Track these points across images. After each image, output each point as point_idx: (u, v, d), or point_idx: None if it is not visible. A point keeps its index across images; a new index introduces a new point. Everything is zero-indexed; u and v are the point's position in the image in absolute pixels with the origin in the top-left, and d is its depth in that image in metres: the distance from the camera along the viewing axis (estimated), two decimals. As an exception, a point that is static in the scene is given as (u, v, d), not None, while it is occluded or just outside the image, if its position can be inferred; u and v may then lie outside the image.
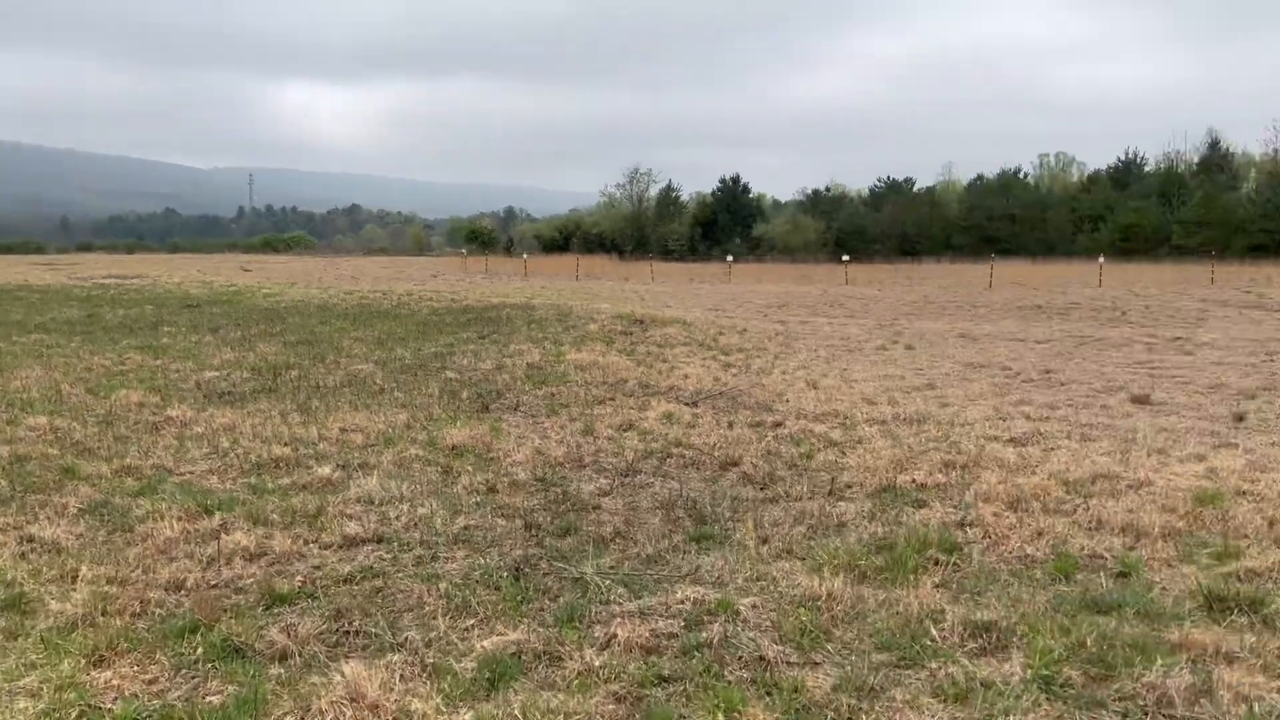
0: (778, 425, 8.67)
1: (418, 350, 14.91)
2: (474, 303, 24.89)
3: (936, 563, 4.92)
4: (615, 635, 4.10)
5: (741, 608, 4.41)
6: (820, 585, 4.50)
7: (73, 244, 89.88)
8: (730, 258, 42.97)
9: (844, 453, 7.60)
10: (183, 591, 4.88)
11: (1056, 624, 4.06)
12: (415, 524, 5.96)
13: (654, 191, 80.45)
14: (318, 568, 5.20)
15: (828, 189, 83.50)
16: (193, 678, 3.90)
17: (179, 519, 6.01)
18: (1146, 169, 71.34)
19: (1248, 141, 76.17)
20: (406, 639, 4.23)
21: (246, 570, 5.15)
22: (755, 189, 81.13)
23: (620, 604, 4.53)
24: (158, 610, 4.61)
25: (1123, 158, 72.41)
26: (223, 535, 5.70)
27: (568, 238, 78.97)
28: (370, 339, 16.59)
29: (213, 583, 5.00)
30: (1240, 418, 8.70)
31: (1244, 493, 6.02)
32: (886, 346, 15.21)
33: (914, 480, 6.58)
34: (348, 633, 4.34)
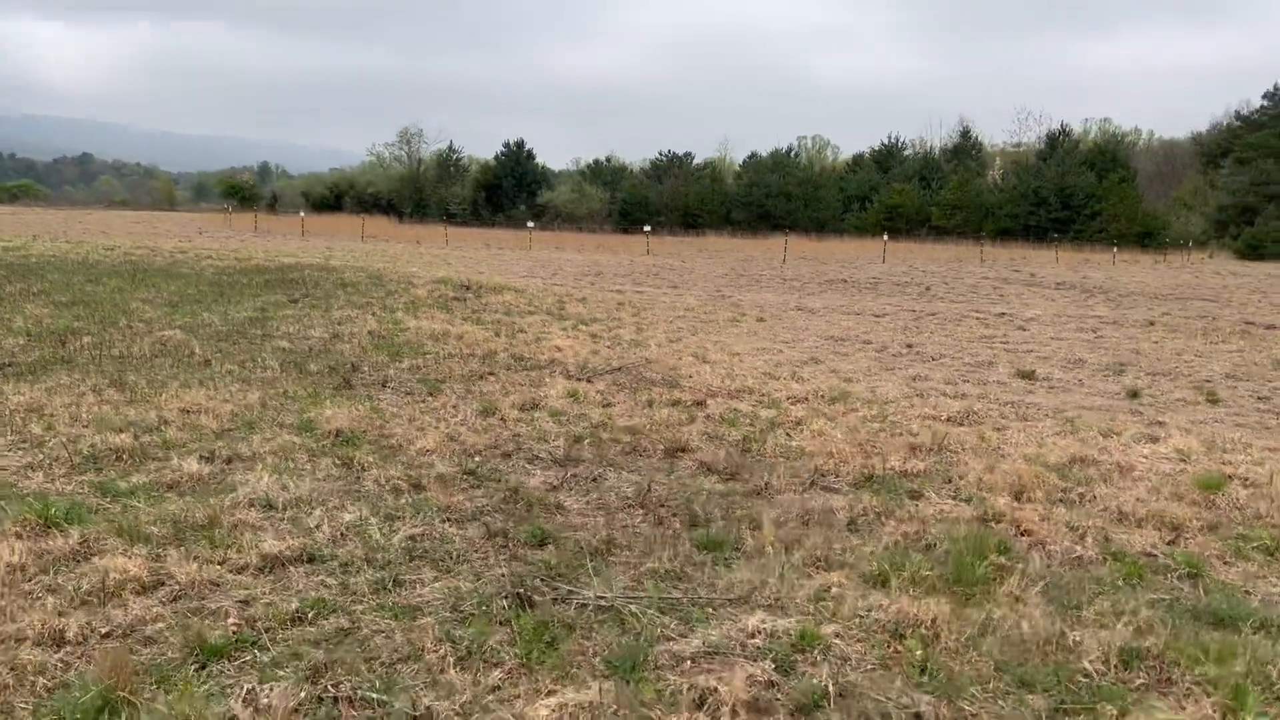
0: (699, 404, 7.93)
1: (225, 315, 13.02)
2: (264, 263, 22.54)
3: (1001, 569, 4.35)
4: (711, 690, 3.22)
5: (828, 639, 3.64)
6: (913, 607, 3.80)
7: None
8: (531, 224, 41.79)
9: (789, 436, 6.97)
10: (66, 647, 3.53)
11: (1200, 647, 3.56)
12: (345, 535, 4.76)
13: (425, 152, 77.56)
14: (246, 602, 3.95)
15: (608, 159, 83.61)
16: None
17: (16, 536, 4.51)
18: (906, 153, 76.10)
19: (993, 132, 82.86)
20: (428, 709, 3.16)
21: (148, 610, 3.83)
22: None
23: (678, 640, 3.65)
24: (40, 680, 3.27)
25: (885, 142, 76.85)
26: (93, 558, 4.30)
27: (339, 196, 74.79)
28: (160, 301, 14.41)
29: (104, 630, 3.67)
30: (1135, 394, 8.83)
31: (1232, 477, 5.88)
32: (738, 320, 14.83)
33: (891, 468, 6.03)
34: (338, 701, 3.21)
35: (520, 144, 74.98)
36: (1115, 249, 47.23)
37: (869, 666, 3.48)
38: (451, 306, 14.86)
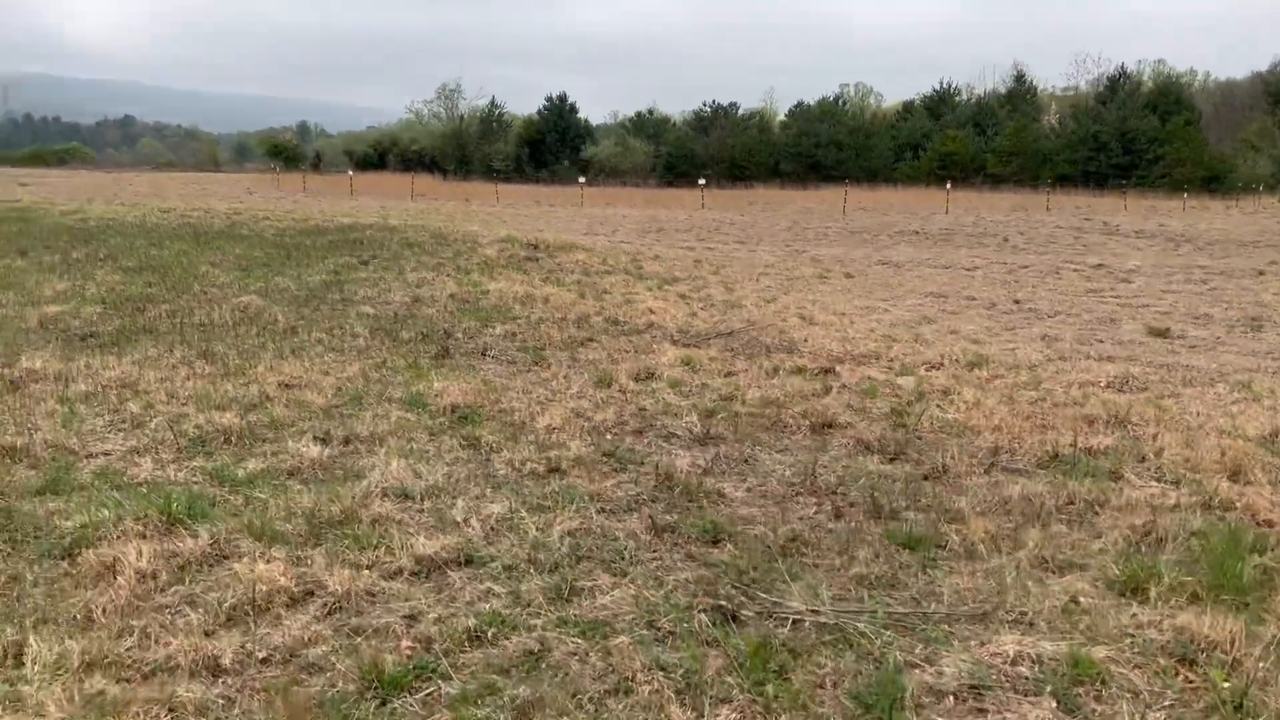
0: (827, 372, 7.35)
1: (299, 279, 12.60)
2: (322, 223, 22.14)
3: (1267, 572, 3.75)
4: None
5: (1103, 666, 3.08)
6: (1196, 623, 3.22)
7: None
8: (583, 179, 41.09)
9: (941, 408, 6.38)
10: (224, 677, 3.07)
11: None
12: (497, 530, 4.28)
13: (464, 109, 76.72)
14: (412, 618, 3.48)
15: (650, 111, 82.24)
16: None
17: (141, 536, 4.07)
18: (958, 100, 73.99)
19: (1048, 76, 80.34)
20: (665, 760, 2.66)
21: (306, 628, 3.37)
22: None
23: (925, 669, 3.11)
24: (202, 723, 2.82)
25: (936, 88, 74.74)
26: (228, 562, 3.85)
27: (383, 155, 74.35)
28: (228, 264, 14.02)
29: (262, 656, 3.21)
30: (1294, 355, 8.11)
31: None
32: (825, 276, 14.16)
33: (1073, 445, 5.42)
34: (555, 750, 2.72)
35: (563, 98, 73.91)
36: (1185, 195, 45.54)
37: (1167, 703, 2.92)
38: (526, 267, 14.33)
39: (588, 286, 12.14)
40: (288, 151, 72.10)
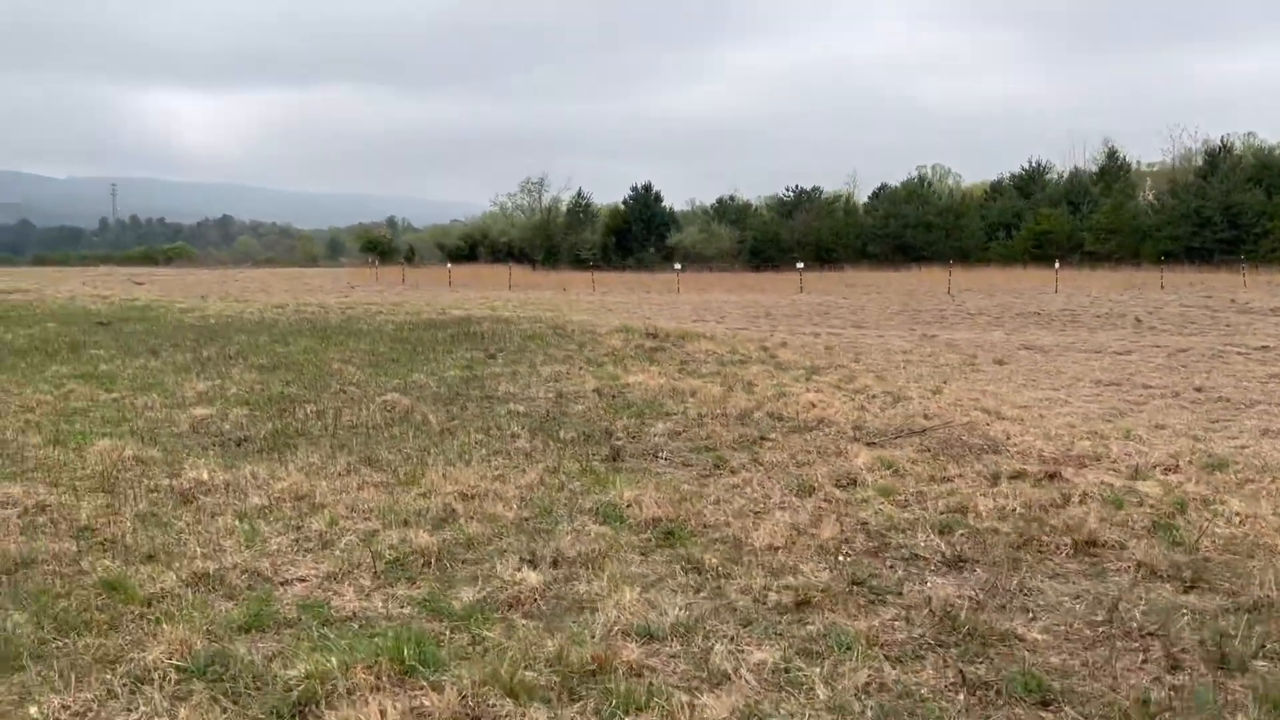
0: (1050, 477, 6.62)
1: (435, 375, 12.33)
2: (435, 317, 22.17)
3: None
4: None
5: None
6: None
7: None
8: (679, 266, 41.04)
9: (1209, 522, 5.60)
10: None
11: None
12: (775, 684, 3.66)
13: (548, 199, 78.24)
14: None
15: (731, 198, 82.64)
16: None
17: (374, 688, 3.55)
18: (1048, 177, 72.79)
19: (1139, 151, 78.51)
20: None
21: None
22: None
23: None
24: None
25: (1025, 166, 73.71)
26: (490, 732, 3.30)
27: (473, 247, 75.87)
28: (358, 360, 13.88)
29: None
30: None
31: None
32: (973, 364, 13.39)
33: None
34: None
35: (648, 187, 74.77)
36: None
37: None
38: (655, 357, 13.89)
39: (730, 378, 11.60)
40: (382, 245, 74.04)
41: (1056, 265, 37.42)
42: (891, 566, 4.99)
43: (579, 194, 76.18)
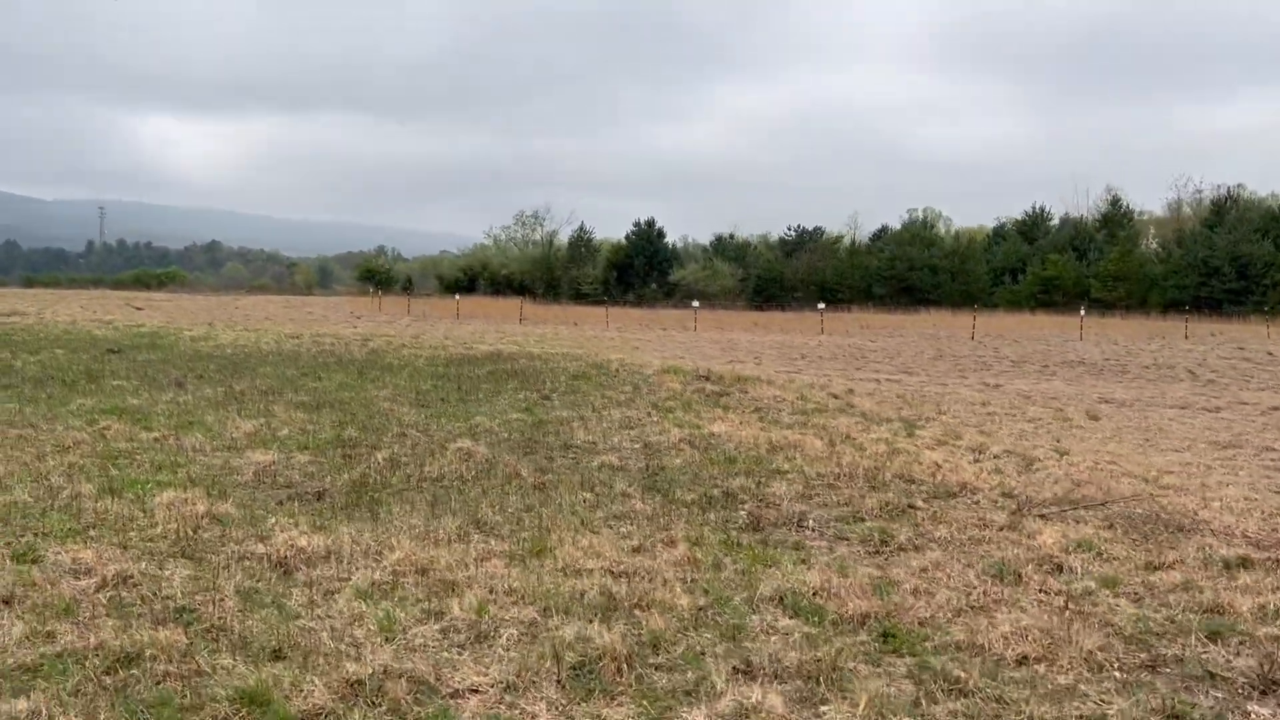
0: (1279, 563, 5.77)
1: (496, 417, 11.43)
2: (464, 351, 21.29)
3: None
4: None
5: None
6: None
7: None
8: (696, 304, 40.27)
9: None
10: None
11: None
12: None
13: (545, 233, 77.87)
14: None
15: (731, 235, 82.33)
16: None
17: None
18: (1051, 224, 72.79)
19: (1139, 199, 78.65)
20: None
21: None
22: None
23: None
24: None
25: (1029, 212, 73.73)
26: None
27: (473, 279, 75.06)
28: (402, 399, 12.96)
29: None
30: None
31: None
32: (1065, 417, 12.58)
33: None
34: None
35: (650, 223, 74.31)
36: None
37: None
38: (724, 403, 13.03)
39: (822, 430, 10.74)
40: (380, 275, 73.11)
41: (1082, 313, 36.88)
42: (1187, 688, 4.12)
43: (581, 228, 75.68)
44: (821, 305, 38.84)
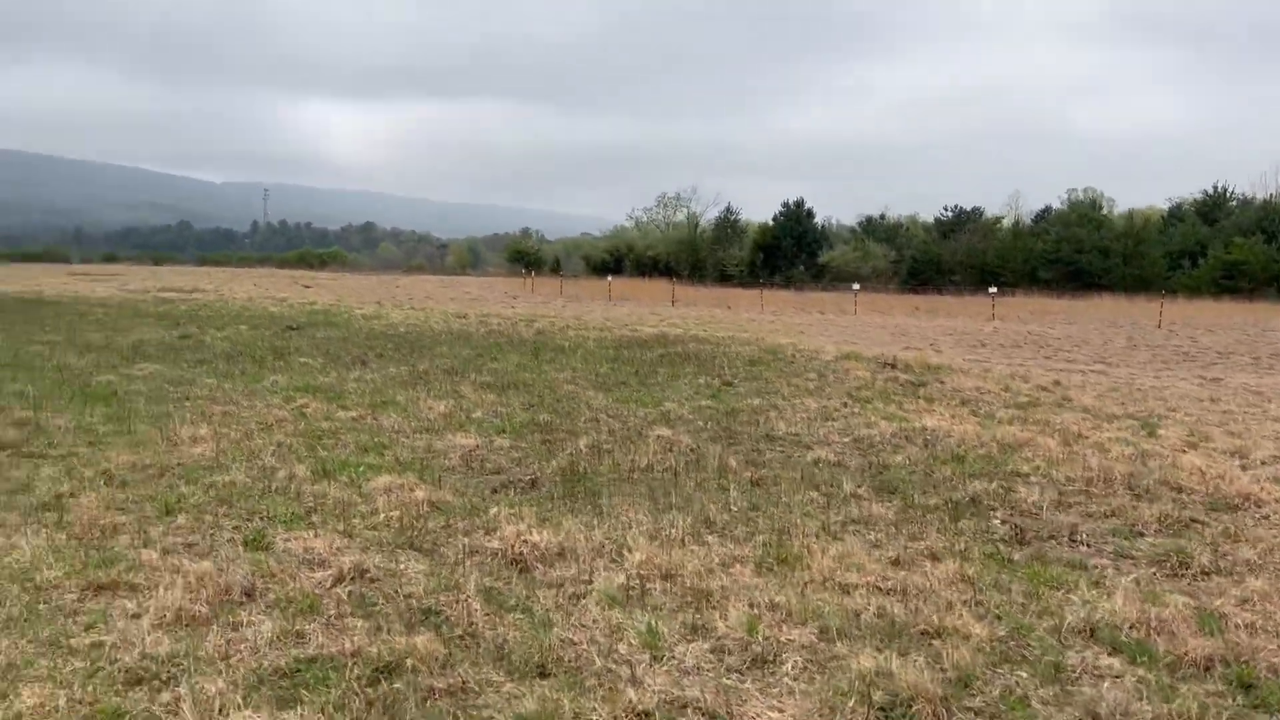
0: None
1: (685, 403, 10.95)
2: (629, 334, 20.99)
3: None
4: None
5: None
6: None
7: (88, 253, 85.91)
8: (856, 286, 39.07)
9: None
10: None
11: None
12: None
13: (684, 215, 77.30)
14: None
15: (882, 216, 79.84)
16: None
17: None
18: (1232, 204, 67.56)
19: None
20: None
21: None
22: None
23: None
24: None
25: (1209, 191, 68.64)
26: None
27: (619, 260, 75.18)
28: (585, 382, 12.64)
29: None
30: None
31: None
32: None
33: None
34: None
35: (800, 203, 72.58)
36: None
37: None
38: (923, 394, 12.17)
39: (1049, 427, 9.80)
40: (529, 256, 74.14)
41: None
42: None
43: (727, 209, 74.74)
44: (993, 289, 36.92)
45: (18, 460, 7.36)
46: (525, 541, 5.41)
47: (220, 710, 3.39)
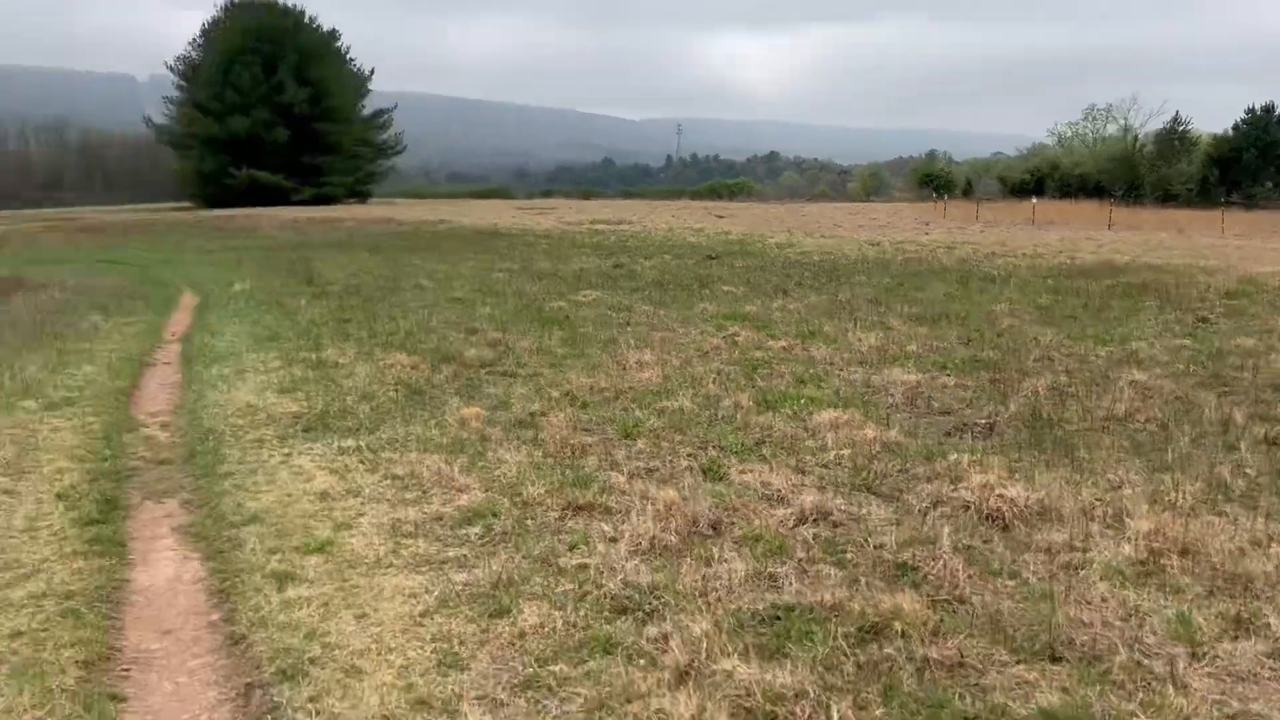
0: None
1: (1155, 343, 9.56)
2: (1065, 263, 19.05)
3: None
4: None
5: None
6: None
7: (533, 190, 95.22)
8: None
9: None
10: None
11: None
12: None
13: (1122, 129, 68.59)
14: None
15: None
16: None
17: None
18: None
19: None
20: None
21: None
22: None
23: None
24: None
25: None
26: None
27: (1039, 180, 69.22)
28: (1025, 315, 11.52)
29: None
30: None
31: None
32: None
33: None
34: None
35: (1270, 109, 61.73)
36: None
37: None
38: None
39: None
40: (938, 180, 70.64)
41: None
42: None
43: (1175, 119, 65.66)
44: None
45: (495, 378, 8.05)
46: (1000, 496, 4.84)
47: (708, 654, 3.27)
